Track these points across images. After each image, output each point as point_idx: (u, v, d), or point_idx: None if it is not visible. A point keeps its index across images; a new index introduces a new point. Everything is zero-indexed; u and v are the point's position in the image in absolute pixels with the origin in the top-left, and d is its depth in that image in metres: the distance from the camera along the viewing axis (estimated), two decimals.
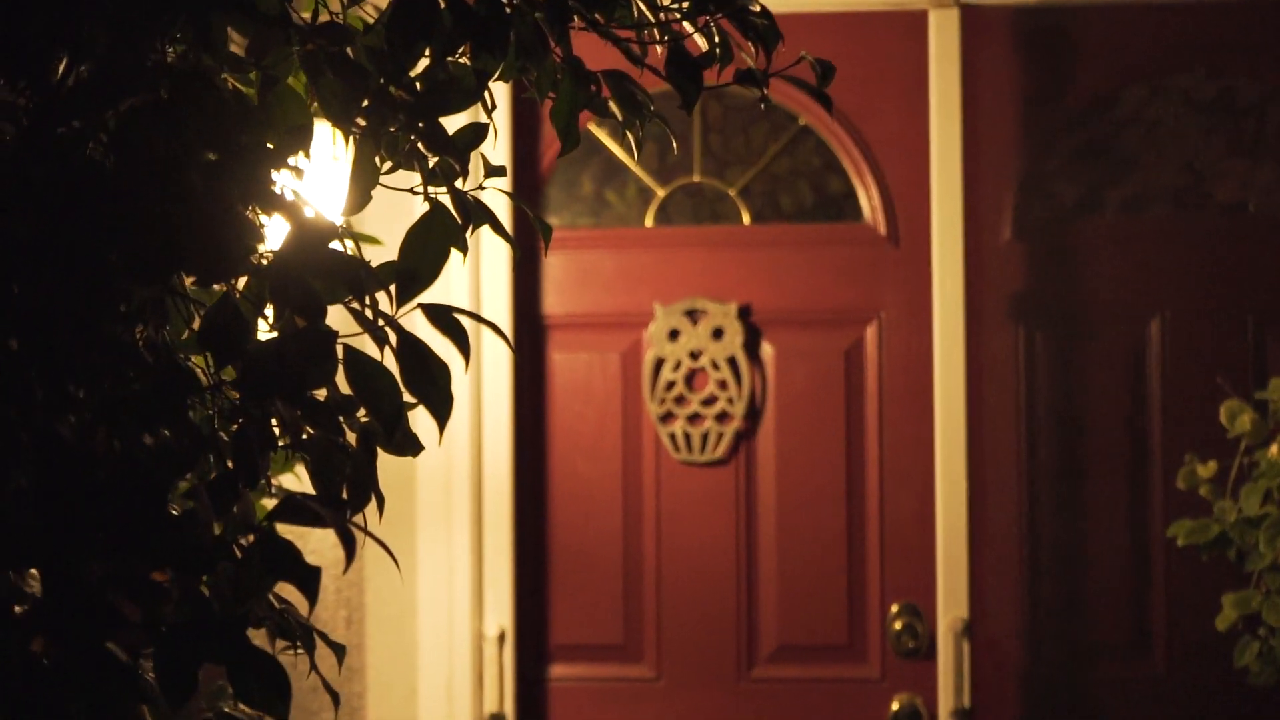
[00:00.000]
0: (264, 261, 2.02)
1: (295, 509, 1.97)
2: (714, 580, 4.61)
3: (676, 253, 4.64)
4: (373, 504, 2.10)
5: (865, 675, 4.58)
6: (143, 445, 1.91)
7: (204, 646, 1.87)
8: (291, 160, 1.99)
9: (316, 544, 4.02)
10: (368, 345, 1.98)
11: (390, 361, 2.01)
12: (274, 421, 2.06)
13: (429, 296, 1.99)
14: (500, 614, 4.54)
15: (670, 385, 4.62)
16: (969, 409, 4.50)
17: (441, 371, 1.96)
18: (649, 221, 4.67)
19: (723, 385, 4.61)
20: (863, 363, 4.60)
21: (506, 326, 4.36)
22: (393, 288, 2.02)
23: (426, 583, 4.49)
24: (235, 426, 2.06)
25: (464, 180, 2.22)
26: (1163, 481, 4.47)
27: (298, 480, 2.26)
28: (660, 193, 4.68)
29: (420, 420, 2.03)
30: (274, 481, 2.60)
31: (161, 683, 1.81)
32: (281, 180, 2.02)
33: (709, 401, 4.62)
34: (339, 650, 1.98)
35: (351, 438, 2.11)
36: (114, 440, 1.92)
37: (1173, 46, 4.54)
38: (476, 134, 2.16)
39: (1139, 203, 4.55)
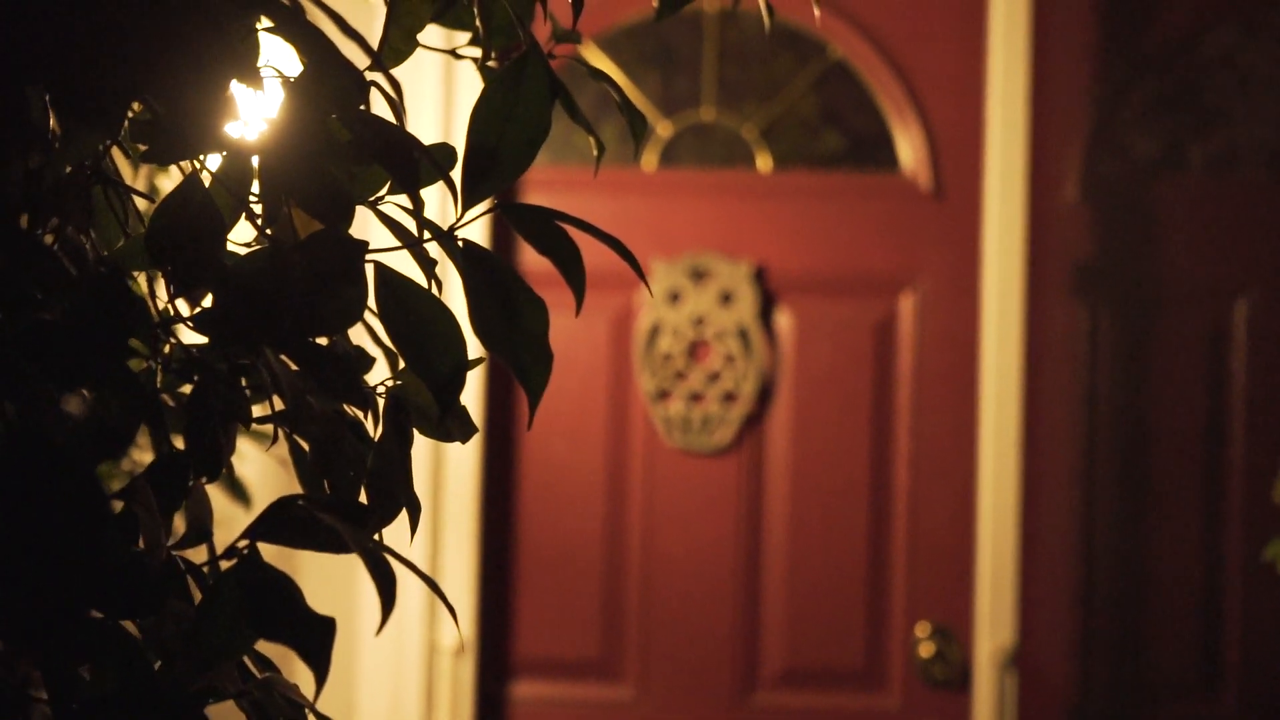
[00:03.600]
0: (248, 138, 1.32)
1: (293, 523, 1.26)
2: (710, 589, 3.90)
3: (681, 201, 3.92)
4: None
5: (885, 707, 3.88)
6: (55, 410, 1.21)
7: None
8: None
9: None
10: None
11: (449, 298, 1.29)
12: (244, 381, 1.37)
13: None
14: (459, 617, 3.81)
15: (667, 358, 3.91)
16: (1023, 398, 3.81)
17: (535, 312, 1.24)
18: (650, 163, 3.95)
19: (730, 360, 3.91)
20: (896, 339, 3.90)
21: None
22: (456, 178, 1.31)
23: (370, 582, 3.76)
24: (189, 387, 1.37)
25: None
26: (1244, 491, 3.80)
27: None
28: (664, 131, 3.96)
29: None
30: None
31: None
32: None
33: (713, 379, 3.91)
34: None
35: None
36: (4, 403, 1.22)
37: None
38: None
39: (1227, 162, 3.87)
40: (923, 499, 3.86)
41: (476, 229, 3.71)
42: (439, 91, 3.82)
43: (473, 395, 3.79)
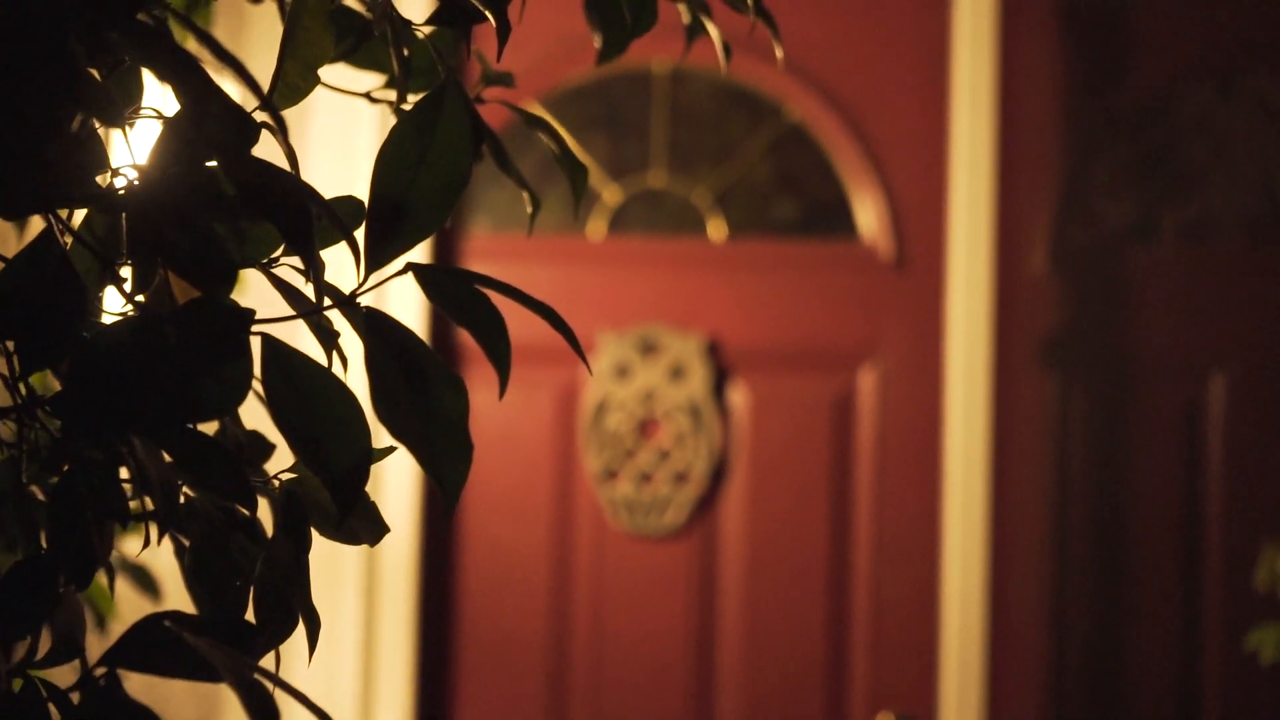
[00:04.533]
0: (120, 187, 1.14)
1: (157, 645, 1.06)
2: (661, 679, 3.69)
3: (630, 270, 3.73)
4: None
5: None
6: None
7: None
8: None
9: None
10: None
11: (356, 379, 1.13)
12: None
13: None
14: (395, 712, 3.60)
15: (615, 436, 3.71)
16: (990, 476, 3.62)
17: (452, 393, 1.05)
18: (598, 231, 3.76)
19: (681, 438, 3.71)
20: (856, 415, 3.71)
21: None
22: (359, 236, 1.12)
23: (301, 672, 3.53)
24: (56, 480, 1.17)
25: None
26: (1223, 576, 3.62)
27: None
28: (612, 197, 3.77)
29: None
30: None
31: None
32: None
33: (663, 458, 3.71)
34: None
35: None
36: None
37: (1246, 40, 3.71)
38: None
39: (1202, 230, 3.69)
40: (885, 583, 3.66)
41: (410, 303, 3.51)
42: (344, 137, 3.62)
43: (407, 472, 3.58)
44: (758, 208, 3.76)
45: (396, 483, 3.58)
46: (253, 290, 1.14)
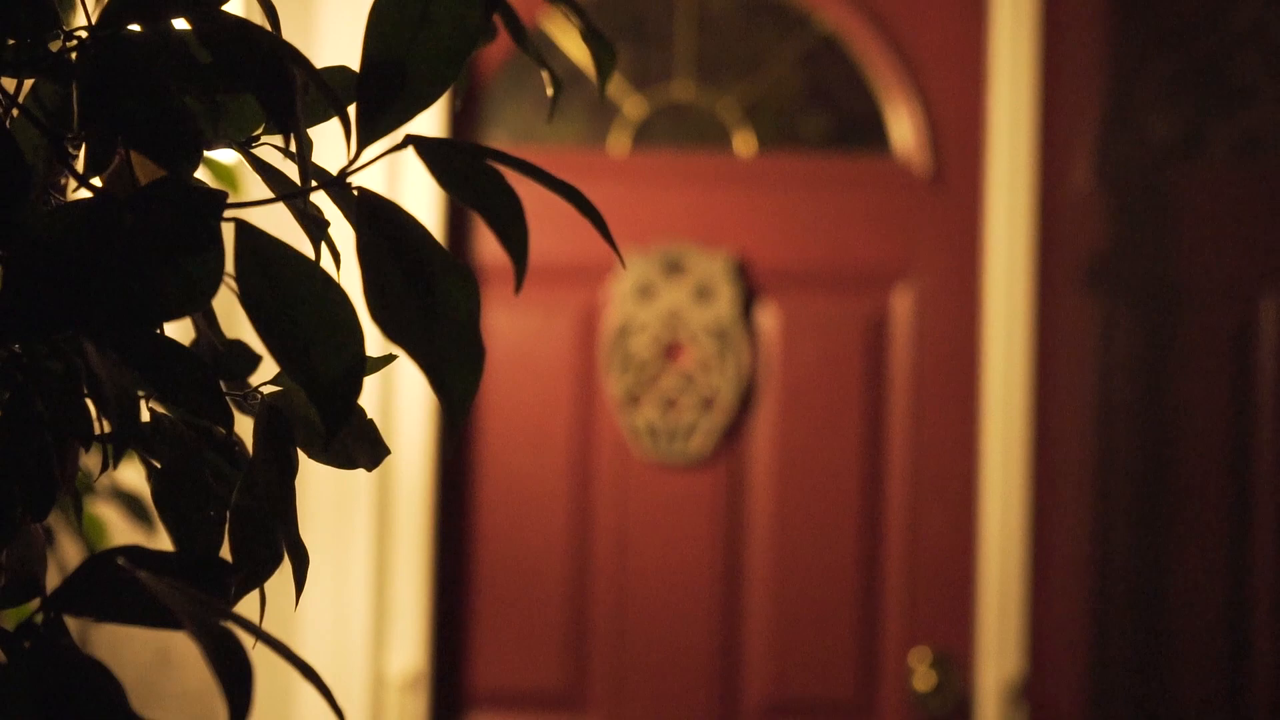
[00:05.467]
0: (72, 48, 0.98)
1: (111, 587, 0.91)
2: (687, 614, 3.54)
3: (654, 187, 3.56)
4: None
5: None
6: None
7: None
8: None
9: None
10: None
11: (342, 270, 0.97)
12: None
13: None
14: (410, 651, 3.45)
15: (638, 360, 3.55)
16: (1031, 403, 3.46)
17: (461, 289, 0.89)
18: (621, 146, 3.59)
19: (707, 362, 3.55)
20: (890, 338, 3.55)
21: None
22: (351, 109, 0.95)
23: (310, 606, 3.40)
24: (8, 396, 1.02)
25: None
26: (1275, 506, 3.46)
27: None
28: (636, 111, 3.60)
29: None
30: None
31: None
32: None
33: (688, 383, 3.55)
34: None
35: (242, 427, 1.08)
36: None
37: None
38: None
39: (1255, 145, 3.52)
40: (920, 514, 3.51)
41: (423, 205, 3.36)
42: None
43: (420, 386, 3.43)
44: (787, 121, 3.60)
45: (409, 399, 3.43)
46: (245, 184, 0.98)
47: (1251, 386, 3.48)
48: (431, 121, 3.39)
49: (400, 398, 3.43)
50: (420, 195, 3.38)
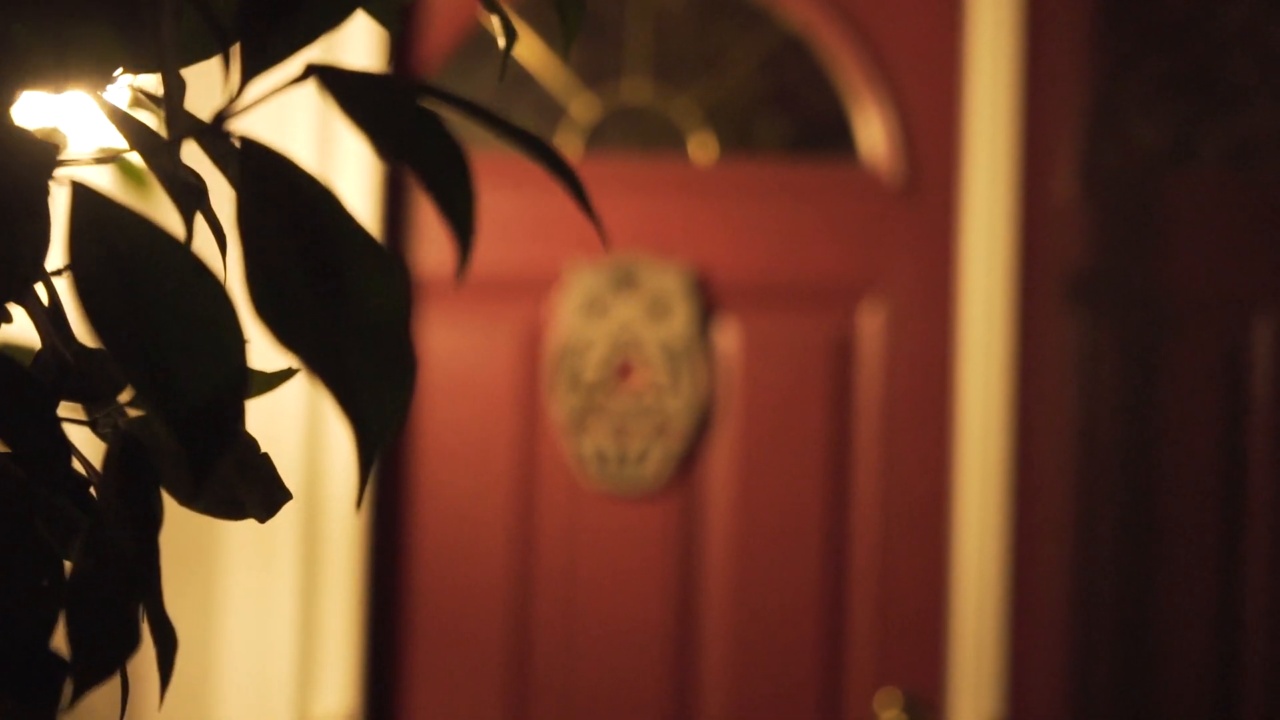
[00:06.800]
0: None
1: None
2: (638, 654, 3.29)
3: (606, 194, 3.30)
4: None
5: None
6: None
7: None
8: None
9: None
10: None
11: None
12: None
13: None
14: (338, 693, 3.19)
15: (586, 382, 3.30)
16: (1010, 427, 3.23)
17: (381, 275, 0.63)
18: (570, 148, 3.34)
19: (661, 384, 3.30)
20: (857, 359, 3.30)
21: None
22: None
23: (233, 646, 3.14)
24: None
25: None
26: (1267, 535, 3.23)
27: None
28: (587, 112, 3.35)
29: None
30: None
31: None
32: None
33: (641, 406, 3.30)
34: None
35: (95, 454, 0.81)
36: None
37: None
38: None
39: (1248, 152, 3.30)
40: (890, 546, 3.27)
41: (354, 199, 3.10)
42: None
43: None
44: (748, 125, 3.35)
45: (339, 439, 3.17)
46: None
47: (1244, 410, 3.25)
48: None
49: (328, 431, 3.17)
50: (353, 184, 3.13)
